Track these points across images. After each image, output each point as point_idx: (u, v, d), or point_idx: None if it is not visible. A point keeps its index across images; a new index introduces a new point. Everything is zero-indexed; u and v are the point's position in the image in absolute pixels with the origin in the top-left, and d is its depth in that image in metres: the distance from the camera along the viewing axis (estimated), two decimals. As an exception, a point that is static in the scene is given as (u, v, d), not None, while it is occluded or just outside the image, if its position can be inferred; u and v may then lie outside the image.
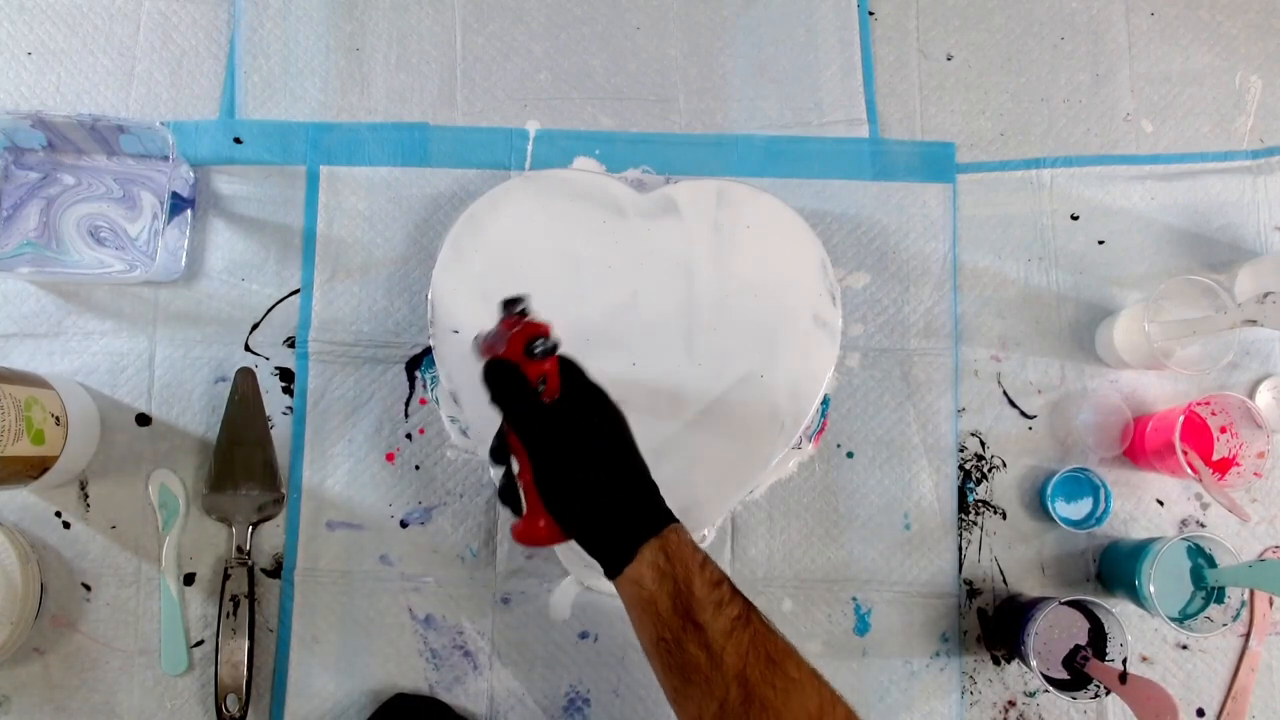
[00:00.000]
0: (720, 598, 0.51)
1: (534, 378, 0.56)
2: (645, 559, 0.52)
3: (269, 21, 0.80)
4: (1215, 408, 0.74)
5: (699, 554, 0.53)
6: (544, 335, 0.56)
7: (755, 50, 0.81)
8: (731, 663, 0.49)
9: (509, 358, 0.57)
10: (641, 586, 0.52)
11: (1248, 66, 0.83)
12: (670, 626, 0.51)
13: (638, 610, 0.53)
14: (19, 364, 0.74)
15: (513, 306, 0.59)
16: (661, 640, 0.52)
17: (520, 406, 0.56)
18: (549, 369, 0.56)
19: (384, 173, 0.78)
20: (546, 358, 0.56)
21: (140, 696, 0.71)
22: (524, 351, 0.56)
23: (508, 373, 0.56)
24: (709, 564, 0.53)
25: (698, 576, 0.52)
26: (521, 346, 0.56)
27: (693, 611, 0.51)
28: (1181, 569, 0.71)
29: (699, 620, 0.50)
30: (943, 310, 0.78)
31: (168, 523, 0.72)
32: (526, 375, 0.56)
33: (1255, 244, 0.80)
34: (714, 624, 0.50)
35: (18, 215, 0.75)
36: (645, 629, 0.53)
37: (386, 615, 0.73)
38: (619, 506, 0.54)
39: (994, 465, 0.76)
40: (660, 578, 0.52)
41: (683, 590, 0.51)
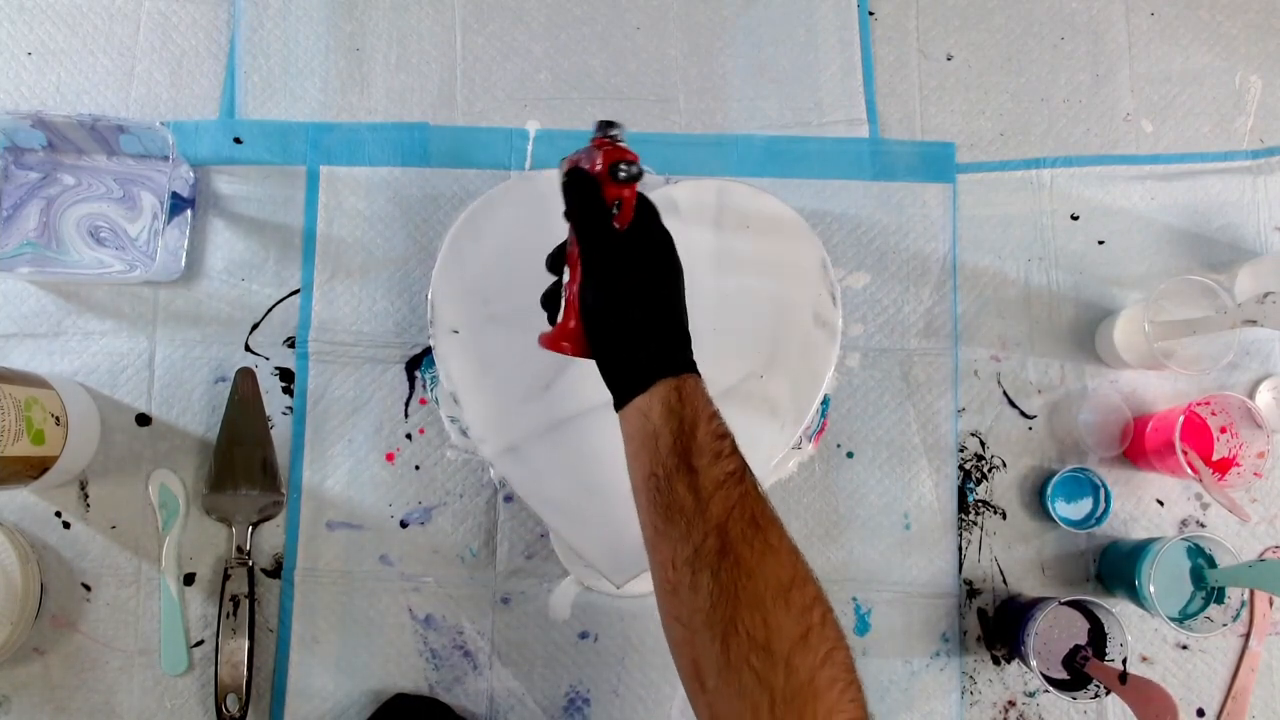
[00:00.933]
0: (720, 449, 0.51)
1: (610, 199, 0.56)
2: (658, 393, 0.52)
3: (269, 21, 0.80)
4: (1215, 408, 0.74)
5: (711, 406, 0.53)
6: (631, 160, 0.57)
7: (755, 50, 0.81)
8: (716, 512, 0.49)
9: (592, 172, 0.57)
10: (647, 419, 0.52)
11: (1248, 66, 0.83)
12: (665, 464, 0.51)
13: (637, 442, 0.53)
14: (19, 364, 0.74)
15: (608, 128, 0.59)
16: (653, 475, 0.51)
17: (591, 219, 0.56)
18: (626, 196, 0.57)
19: (384, 173, 0.78)
20: (630, 183, 0.56)
21: (140, 696, 0.71)
22: (608, 172, 0.56)
23: (587, 184, 0.57)
24: (718, 417, 0.52)
25: (704, 424, 0.51)
26: (608, 166, 0.56)
27: (690, 454, 0.50)
28: (1181, 569, 0.71)
29: (694, 464, 0.50)
30: (943, 310, 0.78)
31: (168, 523, 0.72)
32: (604, 194, 0.56)
33: (1255, 244, 0.80)
34: (708, 471, 0.50)
35: (18, 215, 0.75)
36: (640, 463, 0.53)
37: (386, 615, 0.73)
38: (649, 337, 0.54)
39: (994, 465, 0.76)
40: (668, 414, 0.51)
41: (686, 432, 0.51)
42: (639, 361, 0.54)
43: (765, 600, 0.46)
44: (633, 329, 0.55)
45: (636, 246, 0.56)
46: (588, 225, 0.57)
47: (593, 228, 0.56)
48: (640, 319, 0.55)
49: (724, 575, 0.47)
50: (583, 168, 0.58)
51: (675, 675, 0.73)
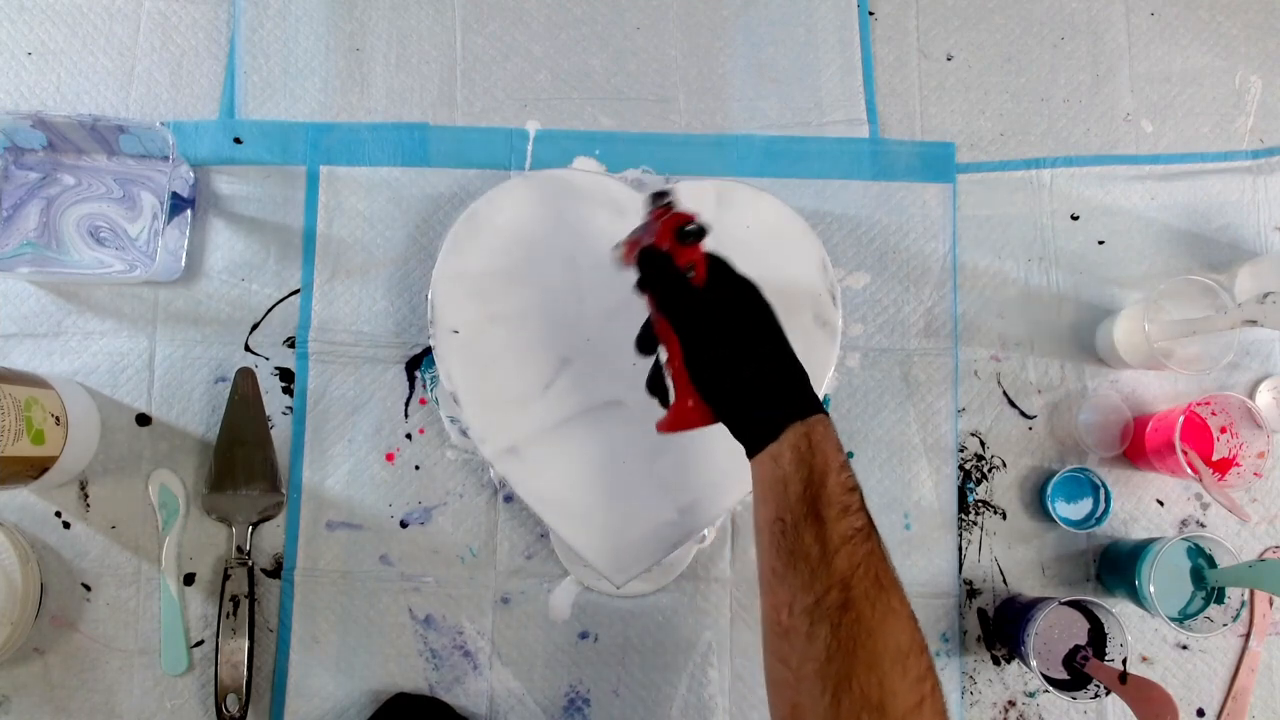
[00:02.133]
0: (849, 503, 0.51)
1: (683, 264, 0.57)
2: (788, 440, 0.52)
3: (269, 21, 0.80)
4: (1215, 408, 0.74)
5: (841, 454, 0.53)
6: (692, 220, 0.57)
7: (755, 50, 0.81)
8: (841, 567, 0.49)
9: (659, 245, 0.58)
10: (778, 465, 0.52)
11: (1248, 66, 0.83)
12: (793, 510, 0.51)
13: (765, 487, 0.53)
14: (19, 364, 0.74)
15: (660, 199, 0.60)
16: (779, 520, 0.51)
17: (672, 290, 0.57)
18: (697, 257, 0.57)
19: (384, 173, 0.78)
20: (698, 240, 0.57)
21: (140, 696, 0.71)
22: (675, 237, 0.57)
23: (659, 259, 0.58)
24: (848, 468, 0.52)
25: (834, 474, 0.51)
26: (671, 233, 0.57)
27: (819, 504, 0.50)
28: (1181, 569, 0.71)
29: (823, 514, 0.50)
30: (943, 310, 0.78)
31: (168, 523, 0.72)
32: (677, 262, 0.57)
33: (1255, 244, 0.80)
34: (836, 524, 0.50)
35: (18, 215, 0.75)
36: (766, 506, 0.53)
37: (386, 615, 0.73)
38: (768, 388, 0.54)
39: (994, 465, 0.76)
40: (798, 462, 0.51)
41: (816, 481, 0.51)
42: (767, 411, 0.54)
43: (883, 662, 0.47)
44: (749, 385, 0.55)
45: (723, 301, 0.57)
46: (671, 297, 0.57)
47: (676, 297, 0.57)
48: (754, 373, 0.55)
49: (844, 631, 0.47)
50: (649, 245, 0.58)
51: (675, 675, 0.73)
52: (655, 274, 0.58)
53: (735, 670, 0.73)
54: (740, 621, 0.74)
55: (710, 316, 0.56)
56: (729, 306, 0.57)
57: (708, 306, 0.56)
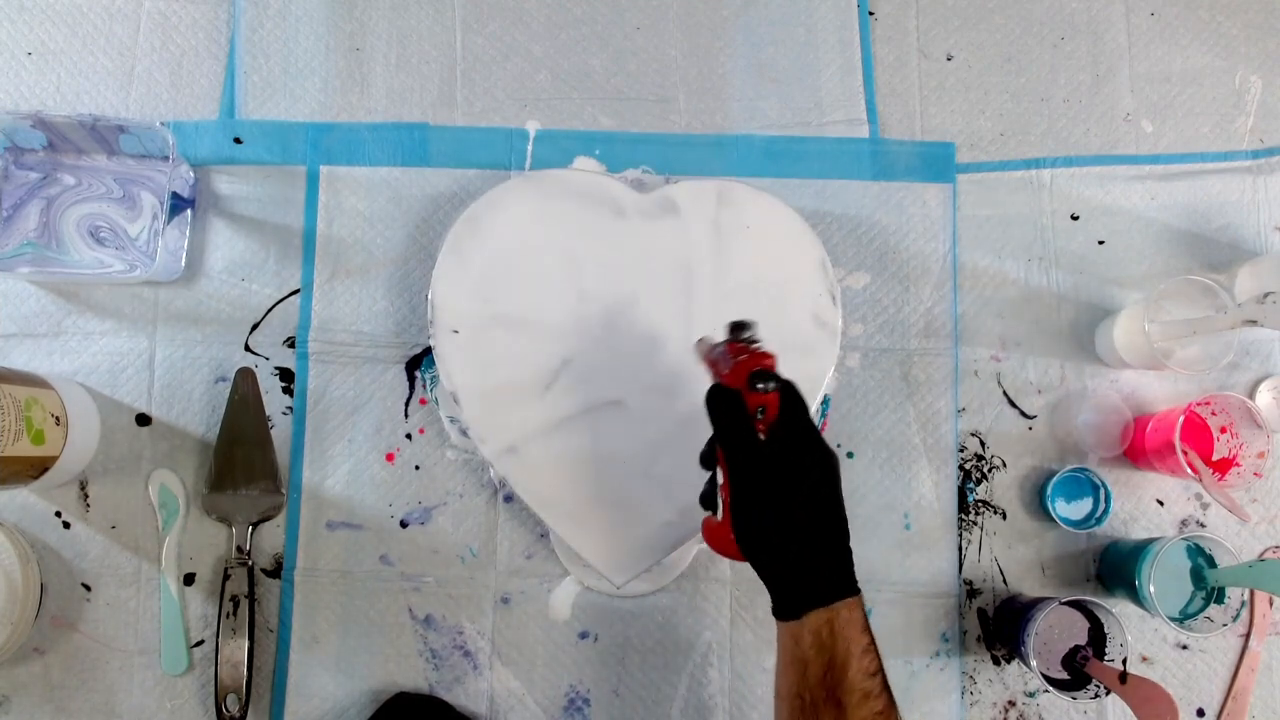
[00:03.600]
0: (870, 689, 0.51)
1: (753, 406, 0.56)
2: (809, 624, 0.52)
3: (269, 21, 0.80)
4: (1215, 408, 0.74)
5: (864, 638, 0.52)
6: (770, 370, 0.56)
7: (755, 50, 0.81)
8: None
9: (731, 383, 0.56)
10: (798, 645, 0.53)
11: (1248, 66, 0.83)
12: (812, 691, 0.51)
13: (787, 659, 0.54)
14: (19, 364, 0.74)
15: (740, 331, 0.59)
16: (799, 697, 0.52)
17: (734, 438, 0.56)
18: (770, 400, 0.56)
19: (384, 173, 0.78)
20: (768, 393, 0.56)
21: (140, 696, 0.71)
22: (747, 383, 0.55)
23: (729, 400, 0.56)
24: (870, 651, 0.52)
25: (855, 661, 0.51)
26: (745, 377, 0.56)
27: (839, 691, 0.51)
28: (1181, 569, 0.71)
29: (843, 701, 0.51)
30: (943, 310, 0.78)
31: (168, 523, 0.72)
32: (746, 403, 0.56)
33: (1255, 244, 0.80)
34: (856, 710, 0.51)
35: (18, 215, 0.75)
36: (787, 677, 0.54)
37: (386, 615, 0.73)
38: (800, 564, 0.54)
39: (994, 465, 0.76)
40: (819, 647, 0.52)
41: (836, 668, 0.51)
42: (792, 589, 0.54)
43: None
44: (784, 552, 0.54)
45: (783, 458, 0.55)
46: (730, 442, 0.56)
47: (736, 445, 0.56)
48: (791, 544, 0.54)
49: None
50: (723, 378, 0.57)
51: (675, 675, 0.73)
52: (721, 414, 0.56)
53: (735, 670, 0.73)
54: (740, 621, 0.74)
55: (765, 475, 0.54)
56: (785, 467, 0.54)
57: (765, 463, 0.55)
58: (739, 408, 0.55)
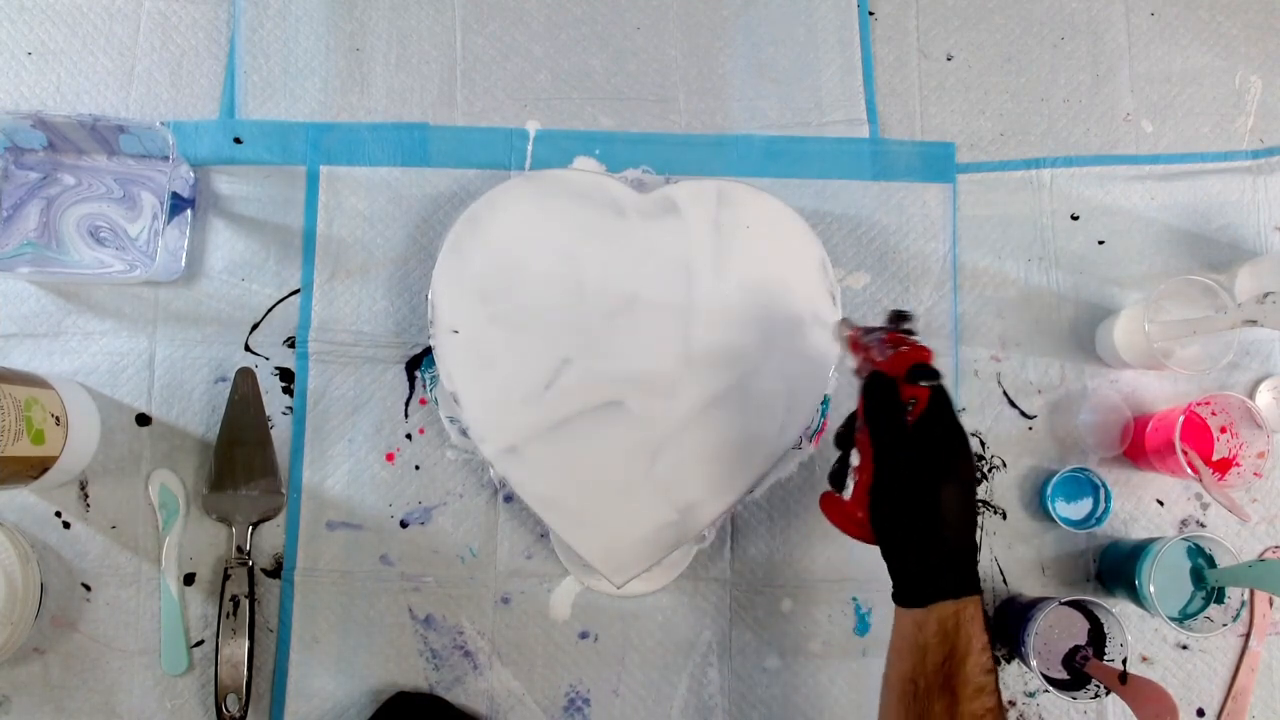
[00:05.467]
0: (985, 685, 0.53)
1: (905, 397, 0.57)
2: (935, 614, 0.54)
3: (269, 21, 0.80)
4: (1215, 408, 0.74)
5: (985, 635, 0.54)
6: (928, 363, 0.58)
7: (755, 50, 0.81)
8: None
9: (887, 371, 0.58)
10: (921, 632, 0.54)
11: (1248, 66, 0.83)
12: (928, 678, 0.53)
13: (905, 645, 0.55)
14: (19, 364, 0.74)
15: (901, 321, 0.60)
16: (913, 682, 0.53)
17: (886, 424, 0.57)
18: (920, 394, 0.57)
19: (384, 173, 0.78)
20: (928, 384, 0.57)
21: (140, 696, 0.71)
22: (907, 375, 0.57)
23: (886, 387, 0.58)
24: (988, 650, 0.54)
25: (974, 656, 0.53)
26: (906, 368, 0.57)
27: (954, 682, 0.52)
28: (1181, 569, 0.71)
29: (957, 691, 0.52)
30: (943, 310, 0.78)
31: (168, 523, 0.72)
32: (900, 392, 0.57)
33: (1255, 244, 0.80)
34: (968, 703, 0.52)
35: (18, 215, 0.75)
36: (902, 662, 0.55)
37: (386, 615, 0.73)
38: (934, 557, 0.55)
39: (994, 465, 0.76)
40: (942, 638, 0.53)
41: (956, 659, 0.53)
42: (922, 579, 0.55)
43: None
44: (919, 542, 0.55)
45: (932, 449, 0.56)
46: (882, 428, 0.57)
47: (888, 431, 0.57)
48: (928, 535, 0.55)
49: None
50: (879, 367, 0.58)
51: (675, 675, 0.73)
52: (878, 400, 0.58)
53: (735, 670, 0.73)
54: (740, 621, 0.74)
55: (911, 465, 0.56)
56: (930, 461, 0.56)
57: (912, 453, 0.56)
58: (895, 396, 0.57)
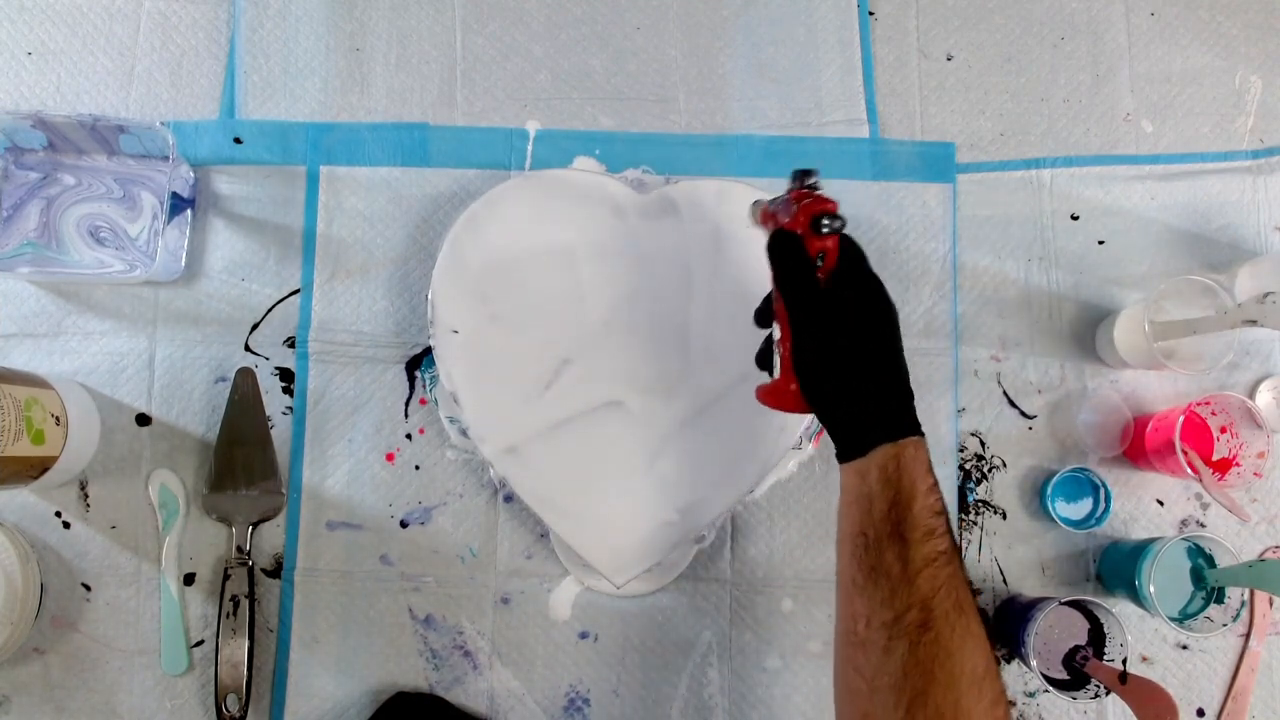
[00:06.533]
0: (934, 526, 0.51)
1: (813, 252, 0.56)
2: (875, 459, 0.52)
3: (269, 21, 0.80)
4: (1215, 408, 0.74)
5: (930, 477, 0.53)
6: (832, 212, 0.56)
7: (755, 50, 0.81)
8: (923, 588, 0.50)
9: (792, 229, 0.57)
10: (864, 482, 0.53)
11: (1248, 66, 0.83)
12: (876, 528, 0.51)
13: (850, 499, 0.54)
14: (19, 364, 0.74)
15: (805, 178, 0.59)
16: (862, 534, 0.52)
17: (796, 281, 0.56)
18: (829, 246, 0.56)
19: (384, 173, 0.78)
20: (833, 233, 0.56)
21: (140, 696, 0.71)
22: (809, 225, 0.56)
23: (790, 243, 0.57)
24: (935, 491, 0.53)
25: (920, 498, 0.52)
26: (808, 220, 0.56)
27: (903, 526, 0.51)
28: (1181, 569, 0.71)
29: (906, 536, 0.51)
30: (943, 310, 0.78)
31: (168, 523, 0.72)
32: (807, 249, 0.56)
33: (1255, 244, 0.80)
34: (919, 547, 0.50)
35: (18, 215, 0.75)
36: (849, 518, 0.53)
37: (386, 615, 0.73)
38: (866, 401, 0.54)
39: (994, 465, 0.76)
40: (884, 483, 0.52)
41: (902, 503, 0.51)
42: (858, 427, 0.54)
43: (960, 683, 0.48)
44: (848, 393, 0.54)
45: (844, 301, 0.56)
46: (792, 285, 0.57)
47: (798, 287, 0.56)
48: (855, 382, 0.54)
49: (922, 650, 0.49)
50: (784, 226, 0.57)
51: (675, 675, 0.73)
52: (782, 257, 0.57)
53: (735, 670, 0.73)
54: (740, 621, 0.74)
55: (825, 316, 0.55)
56: (848, 309, 0.55)
57: (826, 305, 0.56)
58: (800, 251, 0.56)
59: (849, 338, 0.55)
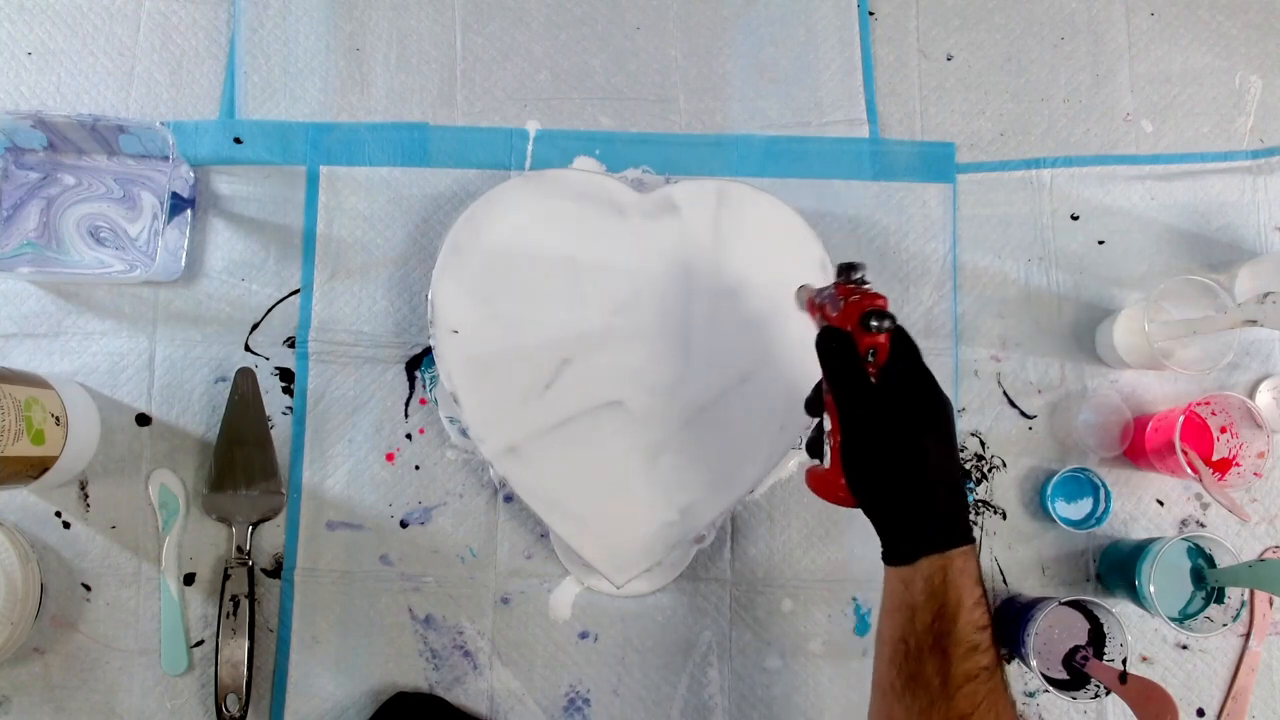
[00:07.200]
0: (978, 642, 0.50)
1: (864, 348, 0.55)
2: (922, 570, 0.51)
3: (269, 21, 0.80)
4: (1215, 408, 0.74)
5: (978, 589, 0.51)
6: (882, 309, 0.55)
7: (755, 50, 0.81)
8: (961, 704, 0.49)
9: (841, 325, 0.55)
10: (908, 590, 0.52)
11: (1248, 66, 0.83)
12: (918, 638, 0.51)
13: (894, 604, 0.53)
14: (19, 364, 0.74)
15: (850, 273, 0.58)
16: (903, 642, 0.51)
17: (846, 380, 0.55)
18: (881, 342, 0.55)
19: (384, 173, 0.78)
20: (885, 331, 0.55)
21: (140, 696, 0.71)
22: (860, 323, 0.54)
23: (840, 341, 0.55)
24: (982, 605, 0.51)
25: (965, 613, 0.50)
26: (858, 318, 0.54)
27: (946, 640, 0.50)
28: (1181, 569, 0.71)
29: (949, 651, 0.50)
30: (943, 310, 0.78)
31: (168, 523, 0.72)
32: (857, 345, 0.55)
33: (1255, 244, 0.80)
34: (961, 663, 0.50)
35: (18, 215, 0.75)
36: (893, 622, 0.53)
37: (386, 615, 0.73)
38: (916, 508, 0.52)
39: (994, 465, 0.76)
40: (929, 595, 0.51)
41: (946, 617, 0.50)
42: (905, 532, 0.53)
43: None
44: (899, 496, 0.53)
45: (896, 401, 0.54)
46: (843, 383, 0.55)
47: (849, 386, 0.54)
48: (905, 486, 0.53)
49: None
50: (832, 322, 0.56)
51: (675, 675, 0.73)
52: (832, 356, 0.55)
53: (735, 670, 0.73)
54: (740, 621, 0.74)
55: (876, 416, 0.53)
56: (897, 409, 0.53)
57: (877, 404, 0.54)
58: (850, 349, 0.55)
59: (901, 440, 0.53)
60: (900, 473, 0.53)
